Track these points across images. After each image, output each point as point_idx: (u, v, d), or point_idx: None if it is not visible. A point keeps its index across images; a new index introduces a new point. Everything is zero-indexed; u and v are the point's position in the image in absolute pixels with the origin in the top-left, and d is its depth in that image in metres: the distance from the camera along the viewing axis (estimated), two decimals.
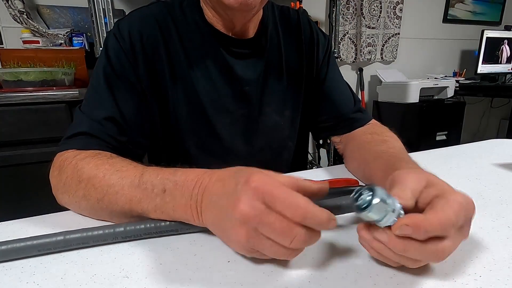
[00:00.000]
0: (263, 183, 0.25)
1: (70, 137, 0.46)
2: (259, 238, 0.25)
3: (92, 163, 0.39)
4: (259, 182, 0.25)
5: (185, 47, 0.54)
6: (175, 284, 0.26)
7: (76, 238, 0.31)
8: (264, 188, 0.25)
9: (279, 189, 0.25)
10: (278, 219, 0.24)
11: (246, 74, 0.57)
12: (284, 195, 0.25)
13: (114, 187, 0.35)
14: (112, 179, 0.36)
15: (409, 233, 0.24)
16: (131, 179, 0.35)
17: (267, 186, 0.25)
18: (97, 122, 0.46)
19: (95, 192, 0.36)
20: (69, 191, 0.39)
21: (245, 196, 0.25)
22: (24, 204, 1.18)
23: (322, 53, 0.64)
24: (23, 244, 0.30)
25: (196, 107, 0.55)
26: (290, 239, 0.25)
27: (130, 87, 0.51)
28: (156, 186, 0.33)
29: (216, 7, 0.52)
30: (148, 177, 0.34)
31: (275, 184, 0.25)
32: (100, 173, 0.37)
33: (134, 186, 0.34)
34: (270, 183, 0.25)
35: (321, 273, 0.27)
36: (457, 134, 2.25)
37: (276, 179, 0.26)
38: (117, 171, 0.37)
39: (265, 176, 0.26)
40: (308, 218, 0.24)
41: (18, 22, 1.42)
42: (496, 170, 0.54)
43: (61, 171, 0.41)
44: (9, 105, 1.09)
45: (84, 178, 0.38)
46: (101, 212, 0.37)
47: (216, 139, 0.58)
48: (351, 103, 0.64)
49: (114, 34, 0.51)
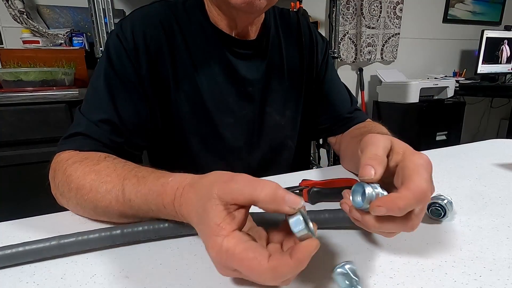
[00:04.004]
0: (217, 252, 0.24)
1: (68, 137, 0.46)
2: (233, 272, 0.24)
3: (79, 170, 0.39)
4: (214, 251, 0.24)
5: (189, 47, 0.54)
6: (175, 284, 0.26)
7: (71, 242, 0.30)
8: (220, 258, 0.24)
9: (232, 256, 0.23)
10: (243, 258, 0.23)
11: (249, 74, 0.58)
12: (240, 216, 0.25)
13: (103, 201, 0.36)
14: (100, 192, 0.36)
15: (384, 213, 0.25)
16: (116, 195, 0.35)
17: (221, 256, 0.23)
18: (94, 124, 0.47)
19: (87, 202, 0.37)
20: (64, 196, 0.40)
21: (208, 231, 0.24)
22: (24, 204, 1.18)
23: (321, 56, 0.66)
24: (15, 250, 0.29)
25: (199, 107, 0.55)
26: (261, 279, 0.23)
27: (130, 88, 0.51)
28: (140, 207, 0.33)
29: (221, 6, 0.52)
30: (129, 195, 0.34)
31: (227, 250, 0.23)
32: (87, 184, 0.37)
33: (119, 202, 0.34)
34: (224, 251, 0.23)
35: (321, 273, 0.27)
36: (457, 134, 2.25)
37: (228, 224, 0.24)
38: (102, 183, 0.37)
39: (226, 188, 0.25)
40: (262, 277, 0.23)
41: (18, 22, 1.42)
42: (496, 170, 0.54)
43: (55, 175, 0.42)
44: (9, 105, 1.09)
45: (73, 188, 0.38)
46: (101, 216, 0.38)
47: (219, 139, 0.58)
48: (348, 103, 0.67)
49: (117, 34, 0.51)
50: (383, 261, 0.29)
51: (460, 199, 0.41)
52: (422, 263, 0.28)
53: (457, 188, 0.46)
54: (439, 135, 2.16)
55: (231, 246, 0.23)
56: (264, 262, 0.22)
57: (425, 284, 0.25)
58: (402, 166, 0.28)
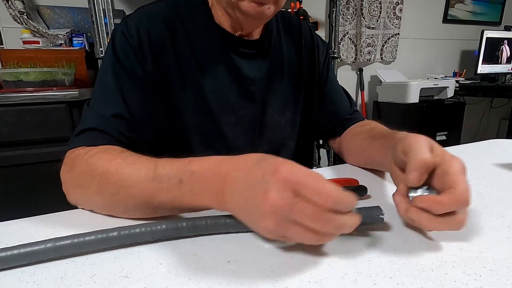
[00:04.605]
0: (292, 172, 0.26)
1: (79, 134, 0.45)
2: (288, 225, 0.26)
3: (103, 158, 0.39)
4: (288, 172, 0.26)
5: (193, 46, 0.54)
6: (175, 284, 0.26)
7: (67, 245, 0.30)
8: (293, 178, 0.26)
9: (308, 177, 0.26)
10: (309, 206, 0.26)
11: (252, 73, 0.58)
12: (313, 183, 0.26)
13: (128, 181, 0.35)
14: (126, 173, 0.36)
15: (426, 206, 0.30)
16: (145, 172, 0.35)
17: (296, 176, 0.26)
18: (106, 119, 0.46)
19: (109, 187, 0.36)
20: (82, 187, 0.39)
21: (274, 187, 0.26)
22: (24, 204, 1.18)
23: (322, 59, 0.68)
24: (9, 253, 0.29)
25: (202, 105, 0.56)
26: (321, 224, 0.26)
27: (138, 84, 0.51)
28: (172, 178, 0.34)
29: (227, 10, 0.52)
30: (163, 169, 0.35)
31: (303, 173, 0.26)
32: (113, 167, 0.37)
33: (149, 179, 0.35)
34: (298, 172, 0.26)
35: (321, 273, 0.27)
36: (457, 134, 2.25)
37: (303, 168, 0.27)
38: (130, 164, 0.37)
39: (293, 166, 0.27)
40: (338, 203, 0.26)
41: (18, 22, 1.42)
42: (496, 170, 0.54)
43: (73, 168, 0.41)
44: (9, 105, 1.09)
45: (97, 174, 0.38)
46: (116, 207, 0.37)
47: (221, 137, 0.58)
48: (348, 105, 0.69)
49: (122, 31, 0.51)
50: (383, 261, 0.29)
51: None
52: (422, 263, 0.28)
53: None
54: (439, 135, 2.16)
55: (297, 171, 0.26)
56: (332, 186, 0.26)
57: (425, 284, 0.25)
58: (443, 170, 0.31)
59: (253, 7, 0.47)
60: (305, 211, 0.25)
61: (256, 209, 0.27)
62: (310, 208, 0.25)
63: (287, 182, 0.26)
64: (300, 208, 0.25)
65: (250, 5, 0.47)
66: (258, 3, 0.47)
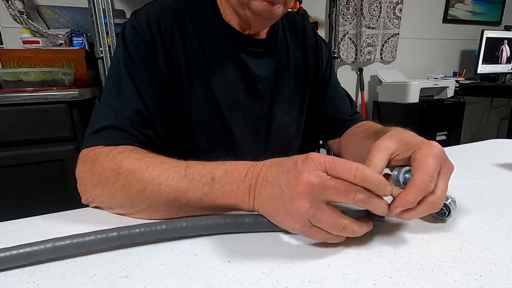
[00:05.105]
0: (321, 156, 0.29)
1: (96, 132, 0.44)
2: (320, 208, 0.28)
3: (132, 156, 0.39)
4: (318, 156, 0.29)
5: (201, 43, 0.54)
6: (175, 284, 0.26)
7: (66, 245, 0.30)
8: (323, 159, 0.28)
9: (337, 159, 0.28)
10: (339, 181, 0.27)
11: (260, 72, 0.59)
12: (342, 162, 0.28)
13: (158, 178, 0.36)
14: (156, 170, 0.36)
15: (401, 209, 0.30)
16: (176, 170, 0.36)
17: (326, 157, 0.28)
18: (124, 116, 0.46)
19: (137, 182, 0.36)
20: (105, 184, 0.38)
21: (307, 169, 0.28)
22: (24, 204, 1.18)
23: (325, 60, 0.69)
24: (8, 253, 0.28)
25: (210, 102, 0.56)
26: (352, 196, 0.27)
27: (151, 78, 0.50)
28: (204, 176, 0.34)
29: (236, 9, 0.53)
30: (195, 168, 0.35)
31: (332, 157, 0.29)
32: (143, 165, 0.37)
33: (180, 176, 0.35)
34: (328, 156, 0.29)
35: (321, 273, 0.27)
36: (457, 134, 2.26)
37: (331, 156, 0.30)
38: (160, 163, 0.37)
39: (322, 154, 0.29)
40: (368, 178, 0.27)
41: (18, 22, 1.42)
42: (496, 170, 0.54)
43: (95, 165, 0.40)
44: (9, 105, 1.09)
45: (124, 170, 0.37)
46: (138, 203, 0.37)
47: (228, 135, 0.58)
48: (349, 107, 0.70)
49: (132, 25, 0.51)
50: (383, 261, 0.29)
51: (460, 199, 0.41)
52: (422, 263, 0.28)
53: (457, 188, 0.46)
54: (439, 135, 2.16)
55: (327, 156, 0.28)
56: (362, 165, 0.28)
57: (425, 284, 0.25)
58: (412, 158, 0.32)
59: (264, 6, 0.48)
60: (336, 186, 0.27)
61: (290, 194, 0.29)
62: (340, 183, 0.27)
63: (318, 163, 0.28)
64: (332, 183, 0.27)
65: (261, 4, 0.48)
66: (270, 3, 0.48)
